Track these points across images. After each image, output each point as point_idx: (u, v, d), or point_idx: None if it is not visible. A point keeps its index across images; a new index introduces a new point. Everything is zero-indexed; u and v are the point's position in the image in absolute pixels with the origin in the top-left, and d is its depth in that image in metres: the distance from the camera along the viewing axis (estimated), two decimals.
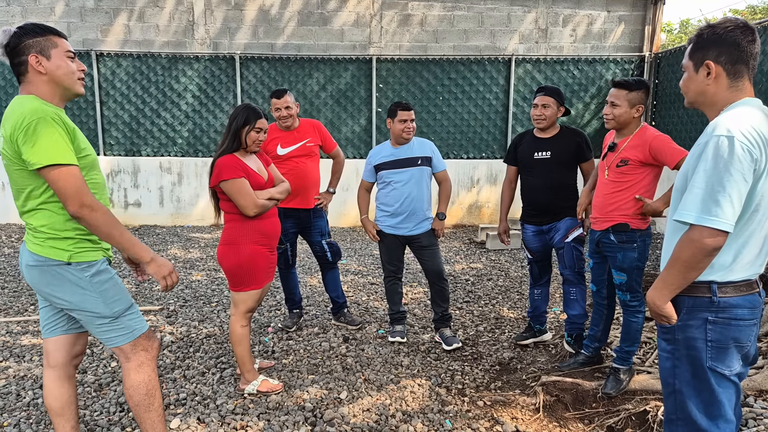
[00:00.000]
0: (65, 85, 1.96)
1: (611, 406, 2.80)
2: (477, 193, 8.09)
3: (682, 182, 1.68)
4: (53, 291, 1.98)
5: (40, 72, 1.92)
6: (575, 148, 3.29)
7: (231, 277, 2.86)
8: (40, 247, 1.94)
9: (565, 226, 3.32)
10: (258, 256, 2.83)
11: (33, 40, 1.91)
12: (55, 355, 2.16)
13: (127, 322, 2.08)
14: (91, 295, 1.99)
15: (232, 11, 8.13)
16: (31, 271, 1.98)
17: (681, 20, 24.07)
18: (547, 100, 3.27)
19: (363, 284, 5.12)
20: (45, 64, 1.92)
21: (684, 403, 1.70)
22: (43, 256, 1.94)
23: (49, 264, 1.94)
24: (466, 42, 8.34)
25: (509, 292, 4.88)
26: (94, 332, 2.07)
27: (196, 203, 7.97)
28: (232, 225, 2.83)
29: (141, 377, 2.12)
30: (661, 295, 1.66)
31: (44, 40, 1.93)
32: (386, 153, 3.60)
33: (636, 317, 2.91)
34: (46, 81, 1.93)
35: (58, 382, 2.17)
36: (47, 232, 1.94)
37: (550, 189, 3.32)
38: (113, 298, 2.04)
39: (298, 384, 3.08)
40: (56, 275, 1.95)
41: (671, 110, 7.38)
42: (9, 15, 7.95)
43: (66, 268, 1.95)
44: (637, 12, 8.28)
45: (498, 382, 3.15)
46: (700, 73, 1.67)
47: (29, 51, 1.90)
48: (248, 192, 2.72)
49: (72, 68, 1.98)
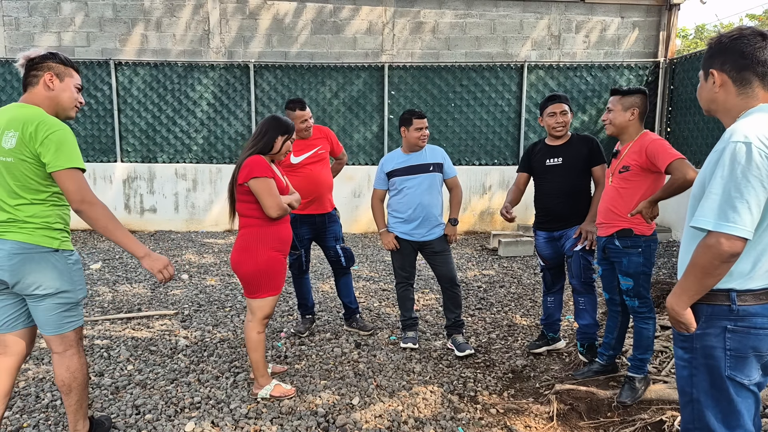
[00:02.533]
0: (63, 106, 2.28)
1: (626, 416, 2.77)
2: (489, 199, 8.07)
3: (699, 189, 1.67)
4: (36, 277, 2.17)
5: (48, 87, 2.22)
6: (587, 154, 3.29)
7: (248, 284, 2.86)
8: (29, 236, 2.16)
9: (574, 234, 3.30)
10: (276, 262, 2.85)
11: (56, 65, 2.25)
12: (15, 346, 2.32)
13: (80, 311, 2.34)
14: (68, 280, 2.24)
15: (247, 20, 8.24)
16: (14, 259, 2.14)
17: (696, 26, 23.87)
18: (564, 107, 3.29)
19: (375, 290, 5.13)
20: (56, 83, 2.24)
21: (702, 413, 1.68)
22: (33, 243, 2.16)
23: (38, 251, 2.17)
24: (478, 49, 8.36)
25: (522, 299, 4.85)
26: (53, 317, 2.24)
27: (211, 209, 8.06)
28: (249, 231, 2.84)
29: (82, 360, 2.35)
30: (680, 301, 1.65)
31: (65, 69, 2.27)
32: (398, 160, 3.63)
33: (646, 324, 2.89)
34: (50, 98, 2.23)
35: (9, 370, 2.31)
36: (41, 223, 2.17)
37: (562, 194, 3.32)
38: (80, 285, 2.31)
39: (310, 389, 3.09)
40: (42, 261, 2.18)
41: (687, 116, 7.31)
42: (31, 25, 8.14)
43: (53, 254, 2.21)
44: (651, 18, 8.24)
45: (511, 390, 3.13)
46: (708, 81, 1.71)
47: (47, 69, 2.22)
48: (276, 193, 2.76)
49: (75, 95, 2.31)
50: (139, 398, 2.96)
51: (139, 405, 2.89)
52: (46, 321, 2.25)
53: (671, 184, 2.61)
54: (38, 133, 2.09)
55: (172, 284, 5.29)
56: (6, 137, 2.12)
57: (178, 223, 8.06)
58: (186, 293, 4.98)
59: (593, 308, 3.32)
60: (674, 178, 2.60)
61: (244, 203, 2.83)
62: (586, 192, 3.35)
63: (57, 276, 2.20)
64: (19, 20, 8.13)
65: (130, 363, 3.45)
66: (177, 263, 6.12)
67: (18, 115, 2.14)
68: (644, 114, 2.87)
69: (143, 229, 7.97)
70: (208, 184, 8.03)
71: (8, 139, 2.12)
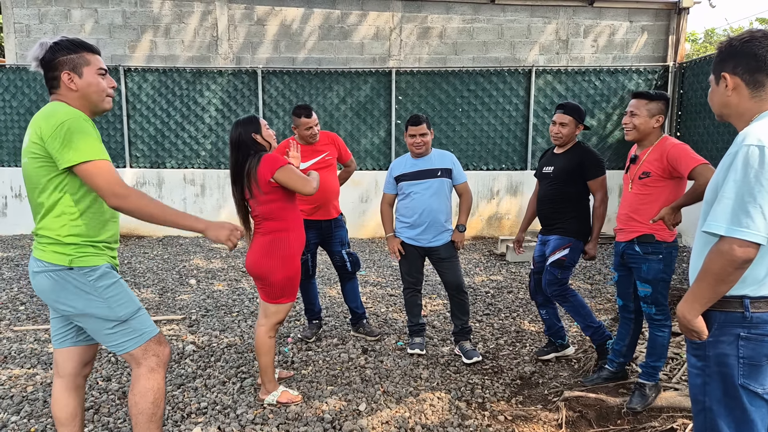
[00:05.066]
0: (94, 102, 2.03)
1: (637, 423, 2.73)
2: (497, 204, 8.04)
3: (711, 194, 1.64)
4: (58, 297, 1.98)
5: (71, 89, 1.98)
6: (577, 167, 3.26)
7: (274, 290, 2.84)
8: (43, 252, 1.97)
9: (553, 245, 3.31)
10: (299, 270, 2.90)
11: (67, 57, 1.97)
12: (64, 365, 2.16)
13: (135, 326, 2.05)
14: (96, 300, 1.98)
15: (255, 27, 8.30)
16: (37, 277, 1.99)
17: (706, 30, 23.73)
18: (565, 119, 3.27)
19: (382, 295, 5.11)
20: (77, 81, 1.98)
21: (714, 422, 1.65)
22: (46, 261, 1.96)
23: (53, 269, 1.96)
24: (485, 54, 8.36)
25: (530, 305, 4.81)
26: (102, 340, 2.05)
27: (219, 214, 8.09)
28: (281, 236, 2.80)
29: (150, 384, 2.07)
30: (692, 308, 1.62)
31: (77, 57, 1.98)
32: (407, 165, 3.62)
33: (662, 331, 2.85)
34: (77, 97, 1.99)
35: (66, 392, 2.16)
36: (51, 236, 1.96)
37: (546, 202, 3.39)
38: (118, 302, 2.02)
39: (317, 395, 3.08)
40: (60, 281, 1.96)
41: (696, 120, 7.25)
42: (41, 32, 8.24)
43: (68, 272, 1.96)
44: (660, 22, 8.20)
45: (519, 397, 3.10)
46: (720, 85, 1.69)
47: (63, 68, 1.96)
48: (301, 174, 2.74)
49: (102, 86, 2.03)
50: None
51: None
52: (99, 340, 2.07)
53: (695, 189, 2.54)
54: (46, 128, 1.88)
55: (180, 289, 5.31)
56: (26, 138, 1.98)
57: None
58: (193, 298, 5.00)
59: (577, 312, 3.31)
60: (698, 184, 2.54)
61: (273, 203, 2.77)
62: (578, 201, 3.31)
63: (76, 296, 1.97)
64: (30, 27, 8.24)
65: None
66: (185, 268, 6.14)
67: (38, 114, 1.96)
68: (665, 121, 2.84)
69: (152, 234, 8.01)
70: (216, 189, 8.06)
71: (26, 139, 1.97)
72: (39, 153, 1.91)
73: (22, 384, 3.22)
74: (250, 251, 2.87)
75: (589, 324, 3.30)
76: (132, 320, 2.04)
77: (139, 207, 1.93)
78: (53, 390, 2.19)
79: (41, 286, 2.00)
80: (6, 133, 7.98)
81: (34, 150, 1.92)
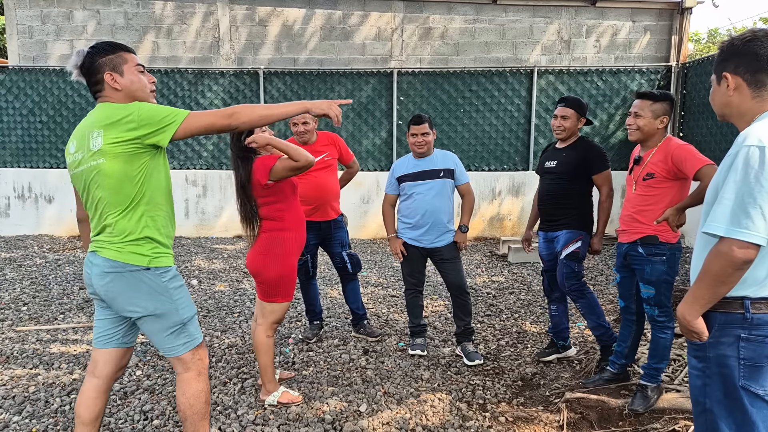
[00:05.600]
0: (140, 99, 2.05)
1: (638, 425, 2.72)
2: (499, 205, 8.03)
3: (712, 195, 1.63)
4: (131, 298, 1.99)
5: (116, 89, 2.01)
6: (581, 162, 3.25)
7: (269, 288, 2.86)
8: (118, 253, 1.97)
9: (563, 239, 3.29)
10: (295, 269, 2.90)
11: (105, 58, 2.00)
12: (104, 366, 2.16)
13: (191, 330, 2.11)
14: (167, 301, 2.02)
15: (257, 27, 8.31)
16: (106, 278, 1.98)
17: (709, 30, 23.66)
18: (567, 112, 3.26)
19: (383, 296, 5.11)
20: (119, 80, 2.01)
21: (715, 424, 1.64)
22: (122, 261, 1.97)
23: (128, 270, 1.97)
24: (487, 54, 8.35)
25: (532, 306, 4.81)
26: (159, 341, 2.07)
27: (220, 215, 8.10)
28: (274, 235, 2.82)
29: (202, 386, 2.13)
30: (692, 309, 1.61)
31: (116, 57, 2.02)
32: (409, 165, 3.62)
33: (665, 333, 2.83)
34: (123, 96, 2.02)
35: (97, 393, 2.17)
36: (128, 237, 1.97)
37: (550, 197, 3.36)
38: (184, 304, 2.08)
39: (317, 396, 3.08)
40: (134, 281, 1.98)
41: (699, 121, 7.23)
42: (44, 33, 8.27)
43: (145, 273, 1.99)
44: (663, 22, 8.18)
45: (520, 398, 3.09)
46: (722, 85, 1.68)
47: (104, 69, 2.00)
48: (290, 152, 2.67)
49: (144, 82, 2.08)
50: (147, 404, 2.96)
51: (147, 411, 2.89)
52: (156, 343, 2.09)
53: (700, 191, 2.53)
54: (129, 114, 1.91)
55: None
56: (92, 140, 1.94)
57: (188, 229, 8.10)
58: (195, 299, 5.00)
59: (592, 311, 3.29)
60: (703, 185, 2.52)
61: (269, 205, 2.81)
62: (581, 196, 3.32)
63: (149, 296, 1.99)
64: (33, 28, 8.27)
65: (139, 368, 3.46)
66: (186, 269, 6.15)
67: (98, 114, 1.97)
68: (670, 121, 2.83)
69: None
70: (218, 190, 8.07)
71: (94, 140, 1.93)
72: (121, 149, 1.91)
73: (24, 384, 3.23)
74: (250, 249, 2.90)
75: (601, 323, 3.29)
76: (189, 324, 2.11)
77: (251, 116, 1.99)
78: (85, 389, 2.17)
79: (113, 288, 1.99)
80: (9, 135, 8.01)
81: (114, 149, 1.91)
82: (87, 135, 1.97)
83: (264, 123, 2.04)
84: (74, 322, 4.37)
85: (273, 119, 2.05)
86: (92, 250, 2.05)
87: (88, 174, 1.98)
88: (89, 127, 1.97)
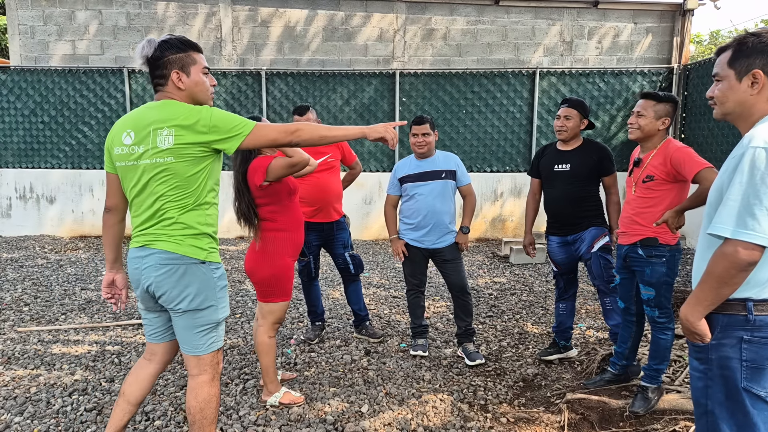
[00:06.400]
0: (200, 100, 2.08)
1: (639, 426, 2.72)
2: (501, 206, 8.03)
3: (716, 196, 1.63)
4: (183, 290, 2.01)
5: (180, 88, 2.03)
6: (595, 163, 3.27)
7: (263, 288, 2.87)
8: (177, 245, 2.00)
9: (590, 236, 3.28)
10: (288, 269, 2.88)
11: (175, 56, 2.01)
12: (163, 356, 2.24)
13: (220, 332, 2.14)
14: (212, 297, 2.06)
15: (259, 28, 8.32)
16: (162, 269, 2.00)
17: (711, 31, 23.64)
18: (570, 112, 3.27)
19: (385, 297, 5.11)
20: (185, 80, 2.03)
21: (716, 425, 1.64)
22: (181, 253, 2.00)
23: (186, 262, 2.00)
24: (489, 55, 8.35)
25: (533, 307, 4.81)
26: (189, 337, 2.08)
27: (223, 216, 8.10)
28: (268, 235, 2.85)
29: (214, 391, 2.14)
30: (695, 311, 1.61)
31: (185, 56, 2.03)
32: (411, 166, 3.62)
33: (665, 334, 2.83)
34: (185, 95, 2.05)
35: (152, 377, 2.23)
36: (189, 230, 2.01)
37: (569, 201, 3.33)
38: (223, 303, 2.12)
39: (319, 396, 3.08)
40: (190, 272, 2.01)
41: (701, 122, 7.23)
42: (46, 34, 8.30)
43: (201, 266, 2.03)
44: (665, 23, 8.18)
45: (522, 399, 3.09)
46: (744, 82, 1.61)
47: (172, 66, 2.01)
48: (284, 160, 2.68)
49: (207, 85, 2.09)
50: (149, 404, 2.97)
51: (149, 411, 2.89)
52: (184, 338, 2.10)
53: (699, 193, 2.53)
54: (202, 117, 1.94)
55: None
56: (161, 137, 1.94)
57: None
58: None
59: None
60: (702, 188, 2.53)
61: (263, 206, 2.83)
62: (595, 197, 3.34)
63: (202, 288, 2.03)
64: (35, 29, 8.29)
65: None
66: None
67: (168, 113, 1.96)
68: (672, 123, 2.83)
69: None
70: (220, 190, 8.07)
71: (164, 138, 1.94)
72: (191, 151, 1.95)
73: (25, 385, 3.23)
74: (248, 250, 2.93)
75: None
76: (220, 326, 2.14)
77: (312, 134, 2.05)
78: (140, 372, 2.23)
79: (168, 279, 2.00)
80: (10, 135, 8.03)
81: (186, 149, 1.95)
82: (152, 130, 1.96)
83: (323, 143, 2.10)
84: (76, 322, 4.37)
85: (331, 140, 2.11)
86: (141, 244, 2.05)
87: (151, 169, 1.98)
88: (155, 123, 1.96)
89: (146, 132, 1.97)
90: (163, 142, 1.95)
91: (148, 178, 1.99)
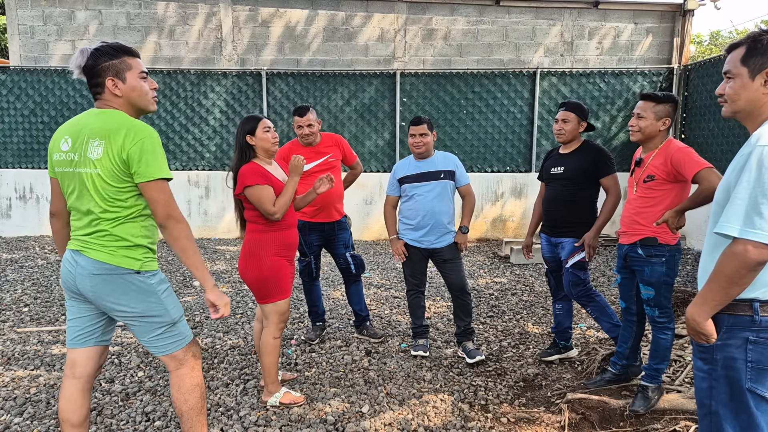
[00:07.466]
0: (140, 106, 2.06)
1: (639, 426, 2.71)
2: (501, 206, 8.02)
3: (722, 195, 1.61)
4: (118, 299, 2.00)
5: (116, 95, 2.01)
6: (590, 165, 3.24)
7: (256, 290, 2.88)
8: (110, 256, 1.98)
9: (569, 247, 3.29)
10: (279, 267, 2.85)
11: (109, 63, 1.98)
12: (84, 366, 2.14)
13: (181, 329, 2.14)
14: (156, 302, 2.05)
15: (259, 28, 8.32)
16: (95, 279, 1.98)
17: (711, 32, 23.64)
18: (567, 115, 3.27)
19: (386, 297, 5.11)
20: (121, 87, 2.00)
21: (720, 426, 1.64)
22: (114, 264, 1.98)
23: (120, 273, 1.98)
24: (490, 55, 8.35)
25: (534, 307, 4.80)
26: (150, 341, 2.08)
27: (223, 216, 8.10)
28: (252, 237, 2.86)
29: (195, 380, 2.15)
30: (702, 311, 1.60)
31: (119, 62, 2.00)
32: (410, 167, 3.62)
33: (665, 334, 2.83)
34: (123, 102, 2.03)
35: (80, 394, 2.14)
36: (123, 241, 1.98)
37: (559, 204, 3.34)
38: (173, 304, 2.11)
39: (320, 397, 3.08)
40: (124, 284, 1.99)
41: (701, 123, 7.23)
42: (45, 34, 8.29)
43: (135, 276, 2.01)
44: (665, 24, 8.18)
45: (522, 399, 3.09)
46: (756, 81, 1.59)
47: (106, 74, 1.98)
48: (269, 197, 2.74)
49: (145, 89, 2.06)
50: (149, 405, 2.96)
51: (149, 412, 2.89)
52: (147, 343, 2.09)
53: (699, 193, 2.53)
54: (126, 141, 1.91)
55: (184, 291, 5.32)
56: (92, 147, 1.94)
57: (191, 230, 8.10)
58: (197, 300, 5.00)
59: (603, 313, 3.29)
60: (702, 188, 2.53)
61: (247, 210, 2.86)
62: (588, 202, 3.30)
63: (139, 299, 2.01)
64: (34, 29, 8.28)
65: (141, 369, 3.46)
66: (188, 270, 6.13)
67: (103, 123, 1.96)
68: (672, 123, 2.83)
69: None
70: (220, 191, 8.08)
71: (94, 148, 1.94)
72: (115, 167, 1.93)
73: (25, 385, 3.23)
74: None
75: (615, 324, 3.28)
76: (179, 323, 2.13)
77: (186, 236, 2.02)
78: (66, 393, 2.14)
79: (102, 289, 1.99)
80: (10, 135, 8.03)
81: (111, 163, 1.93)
82: (86, 139, 1.96)
83: (179, 253, 2.02)
84: None
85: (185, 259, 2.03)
86: (76, 248, 2.03)
87: (84, 178, 1.97)
88: (90, 133, 1.96)
89: (81, 140, 1.97)
90: (92, 153, 1.94)
91: (82, 187, 1.99)
